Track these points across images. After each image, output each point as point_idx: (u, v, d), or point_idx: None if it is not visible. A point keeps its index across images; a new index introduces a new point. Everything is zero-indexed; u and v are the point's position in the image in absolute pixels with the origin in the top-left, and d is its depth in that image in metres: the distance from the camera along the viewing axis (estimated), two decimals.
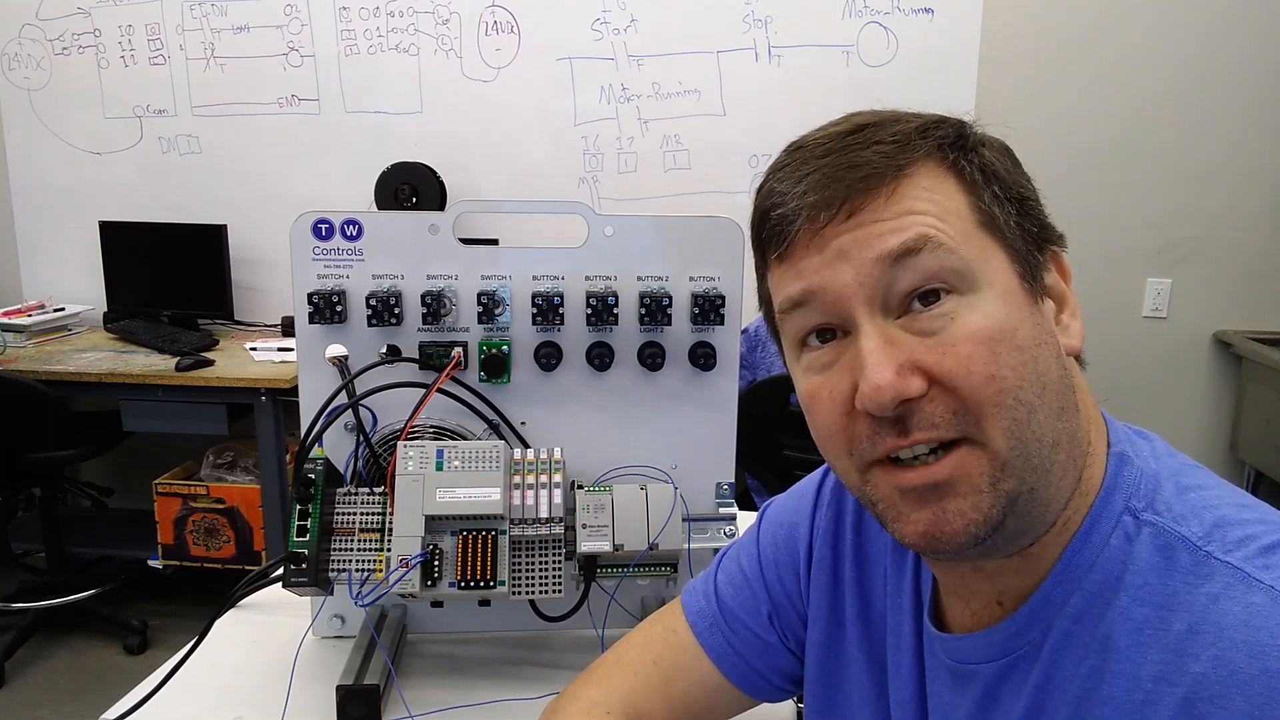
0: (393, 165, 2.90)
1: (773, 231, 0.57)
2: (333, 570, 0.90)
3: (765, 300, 0.62)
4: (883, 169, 0.53)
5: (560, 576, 0.91)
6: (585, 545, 0.92)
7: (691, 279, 0.99)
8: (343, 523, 0.92)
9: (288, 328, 2.90)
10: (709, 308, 0.98)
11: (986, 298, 0.52)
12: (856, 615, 0.71)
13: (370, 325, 0.97)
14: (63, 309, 3.07)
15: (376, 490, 0.93)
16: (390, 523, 0.90)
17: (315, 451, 0.92)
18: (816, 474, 0.79)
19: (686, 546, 0.98)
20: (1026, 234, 0.56)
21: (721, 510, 1.03)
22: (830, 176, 0.54)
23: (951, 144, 0.56)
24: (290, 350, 2.66)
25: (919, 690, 0.65)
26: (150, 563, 2.89)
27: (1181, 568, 0.51)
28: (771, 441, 2.08)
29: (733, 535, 1.01)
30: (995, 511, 0.52)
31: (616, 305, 0.98)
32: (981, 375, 0.51)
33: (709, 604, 0.78)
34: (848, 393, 0.54)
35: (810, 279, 0.55)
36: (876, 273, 0.53)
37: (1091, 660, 0.52)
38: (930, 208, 0.53)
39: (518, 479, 0.92)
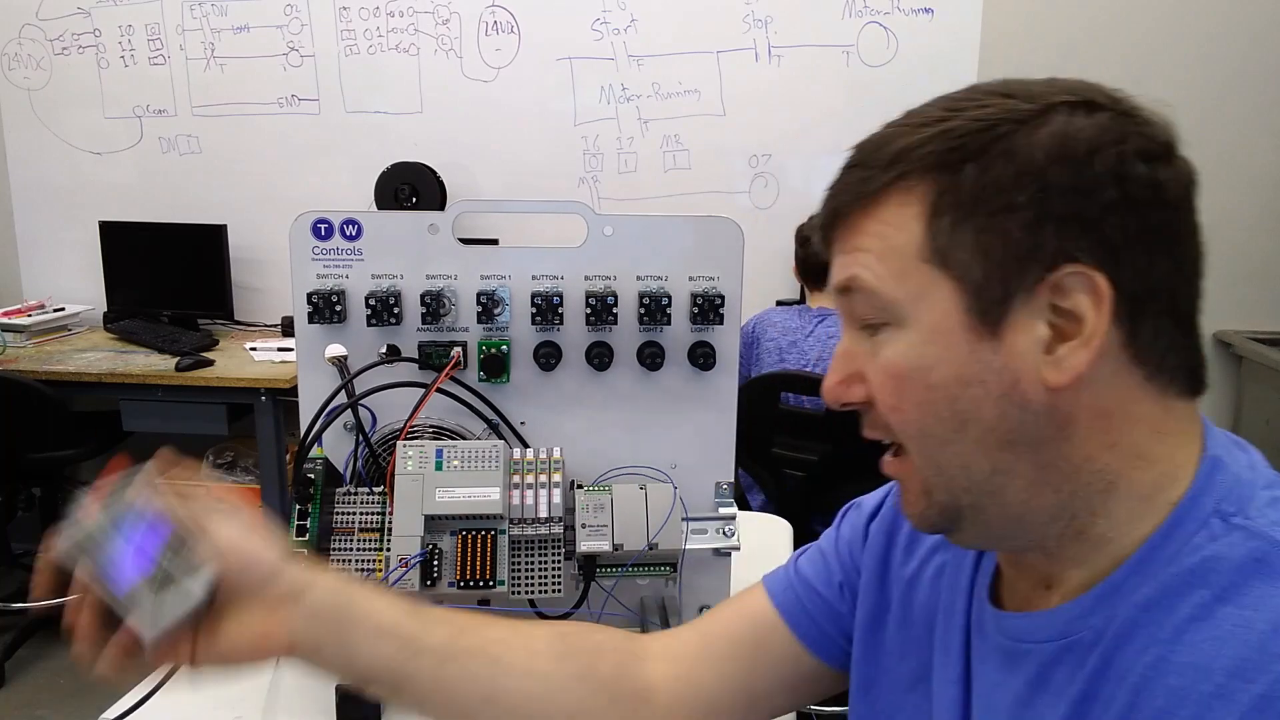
0: (393, 165, 2.90)
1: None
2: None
3: None
4: (851, 199, 0.57)
5: (560, 576, 0.91)
6: (585, 545, 0.92)
7: (691, 279, 0.99)
8: (342, 522, 0.92)
9: (287, 328, 2.90)
10: (708, 307, 0.98)
11: (907, 335, 0.55)
12: (901, 597, 0.72)
13: (370, 325, 0.97)
14: (63, 309, 3.07)
15: (376, 490, 0.93)
16: (390, 522, 0.90)
17: (315, 451, 0.92)
18: None
19: (685, 546, 0.98)
20: (1007, 259, 0.52)
21: (721, 510, 1.03)
22: (830, 194, 0.59)
23: (949, 160, 0.53)
24: (290, 350, 2.66)
25: (964, 670, 0.65)
26: None
27: (1272, 571, 0.50)
28: (764, 440, 2.09)
29: (732, 535, 1.01)
30: (933, 514, 0.57)
31: (616, 305, 0.98)
32: (886, 406, 0.56)
33: (786, 574, 0.80)
34: None
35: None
36: (839, 297, 0.59)
37: (1157, 649, 0.52)
38: (874, 244, 0.56)
39: (517, 479, 0.92)
